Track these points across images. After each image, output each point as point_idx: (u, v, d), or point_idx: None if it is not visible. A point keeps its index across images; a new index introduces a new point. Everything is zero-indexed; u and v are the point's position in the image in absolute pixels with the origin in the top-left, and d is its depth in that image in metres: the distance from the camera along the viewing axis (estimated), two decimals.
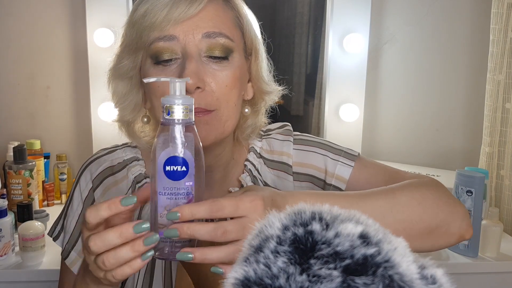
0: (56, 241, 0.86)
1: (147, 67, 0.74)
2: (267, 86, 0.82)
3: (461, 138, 1.87)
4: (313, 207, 0.38)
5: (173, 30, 0.70)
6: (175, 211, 0.55)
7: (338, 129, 1.75)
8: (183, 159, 0.57)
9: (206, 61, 0.71)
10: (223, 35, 0.72)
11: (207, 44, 0.71)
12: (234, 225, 0.56)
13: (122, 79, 0.78)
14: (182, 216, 0.55)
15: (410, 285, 0.32)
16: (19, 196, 1.46)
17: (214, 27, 0.71)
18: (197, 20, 0.71)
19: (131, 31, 0.74)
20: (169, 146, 0.57)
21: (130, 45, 0.75)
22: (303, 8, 1.89)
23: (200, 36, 0.71)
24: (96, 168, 0.84)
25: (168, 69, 0.72)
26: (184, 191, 0.58)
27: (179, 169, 0.57)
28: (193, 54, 0.71)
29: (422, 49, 1.81)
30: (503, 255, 1.37)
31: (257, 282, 0.33)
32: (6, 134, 1.70)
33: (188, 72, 0.68)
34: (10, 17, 1.67)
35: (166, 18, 0.70)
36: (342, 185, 0.83)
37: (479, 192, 1.31)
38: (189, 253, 0.56)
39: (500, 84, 1.62)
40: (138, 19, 0.72)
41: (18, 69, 1.70)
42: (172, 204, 0.58)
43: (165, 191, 0.58)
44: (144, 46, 0.73)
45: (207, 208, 0.56)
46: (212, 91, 0.71)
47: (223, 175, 0.84)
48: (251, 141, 0.88)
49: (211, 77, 0.71)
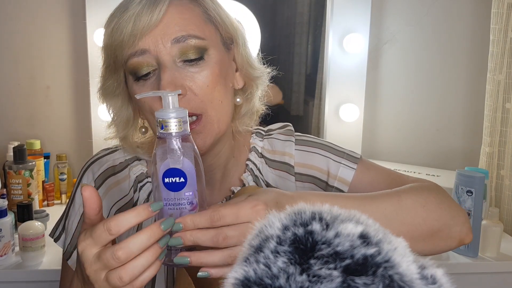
0: (57, 242, 0.86)
1: (130, 83, 0.74)
2: (255, 71, 0.81)
3: (461, 138, 1.87)
4: (313, 207, 0.38)
5: (142, 43, 0.70)
6: (178, 222, 0.58)
7: (338, 129, 1.74)
8: (181, 171, 0.59)
9: (182, 66, 0.71)
10: (192, 36, 0.71)
11: (179, 49, 0.70)
12: (235, 231, 0.57)
13: (112, 98, 0.78)
14: (184, 227, 0.58)
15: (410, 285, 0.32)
16: (19, 196, 1.46)
17: (181, 31, 0.70)
18: (163, 28, 0.70)
19: (107, 52, 0.74)
20: (167, 159, 0.59)
21: (110, 65, 0.75)
22: (303, 8, 1.89)
23: (169, 43, 0.70)
24: (98, 168, 0.84)
25: (148, 82, 0.72)
26: (185, 201, 0.60)
27: (177, 181, 0.59)
28: (167, 63, 0.70)
29: (422, 49, 1.81)
30: (503, 255, 1.37)
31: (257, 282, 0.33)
32: (6, 134, 1.70)
33: (164, 83, 0.68)
34: (10, 17, 1.67)
35: (133, 34, 0.69)
36: (345, 187, 0.83)
37: (479, 192, 1.31)
38: (186, 257, 0.58)
39: (500, 84, 1.62)
40: (108, 39, 0.73)
41: (18, 69, 1.70)
42: (176, 214, 0.59)
43: (167, 202, 0.60)
44: (121, 64, 0.73)
45: (208, 218, 0.57)
46: (194, 95, 0.71)
47: (224, 174, 0.84)
48: (252, 140, 0.88)
49: (190, 81, 0.71)
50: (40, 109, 1.72)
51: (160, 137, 0.60)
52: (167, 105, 0.60)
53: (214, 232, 0.57)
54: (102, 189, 0.83)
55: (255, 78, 0.81)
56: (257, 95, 0.84)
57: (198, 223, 0.57)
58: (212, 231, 0.57)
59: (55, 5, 1.67)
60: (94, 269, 0.56)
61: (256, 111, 0.86)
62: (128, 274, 0.54)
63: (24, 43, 1.68)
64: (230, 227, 0.57)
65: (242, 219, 0.58)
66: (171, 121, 0.59)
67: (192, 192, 0.60)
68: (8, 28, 1.67)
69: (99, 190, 0.83)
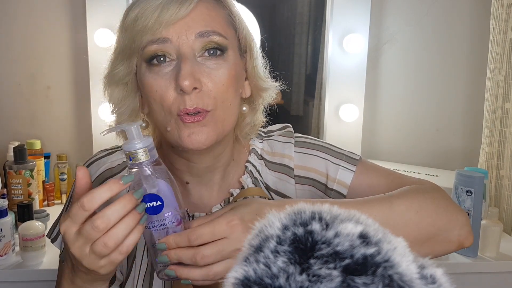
0: (54, 243, 0.86)
1: (143, 71, 0.73)
2: (263, 83, 0.81)
3: (461, 138, 1.87)
4: (313, 207, 0.38)
5: (165, 32, 0.70)
6: (163, 242, 0.63)
7: (338, 129, 1.75)
8: (155, 195, 0.63)
9: (202, 61, 0.71)
10: (216, 33, 0.72)
11: (201, 44, 0.71)
12: (211, 250, 0.62)
13: (118, 85, 0.77)
14: (168, 246, 0.63)
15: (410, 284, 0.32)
16: (19, 196, 1.46)
17: (206, 26, 0.71)
18: (189, 21, 0.71)
19: (124, 36, 0.74)
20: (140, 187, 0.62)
21: (124, 50, 0.74)
22: (303, 8, 1.89)
23: (193, 36, 0.70)
24: (96, 170, 0.84)
25: (163, 72, 0.71)
26: (167, 221, 0.64)
27: (155, 204, 0.63)
28: (188, 55, 0.70)
29: (422, 49, 1.81)
30: (502, 255, 1.37)
31: (257, 281, 0.33)
32: (7, 134, 1.70)
33: (184, 73, 0.68)
34: (11, 18, 1.67)
35: (158, 21, 0.69)
36: (344, 190, 0.83)
37: (478, 192, 1.31)
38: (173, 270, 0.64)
39: (499, 84, 1.62)
40: (130, 23, 0.72)
41: (19, 69, 1.70)
42: (162, 233, 0.64)
43: (150, 225, 0.64)
44: (137, 50, 0.73)
45: (186, 238, 0.62)
46: (209, 91, 0.71)
47: (223, 176, 0.84)
48: (252, 142, 0.88)
49: (207, 76, 0.71)
50: (40, 109, 1.72)
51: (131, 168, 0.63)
52: (132, 137, 0.63)
53: (193, 252, 0.62)
54: None
55: (263, 89, 0.82)
56: (261, 108, 0.85)
57: (179, 242, 0.62)
58: (191, 251, 0.62)
59: (56, 5, 1.67)
60: (77, 246, 0.60)
61: (258, 123, 0.86)
62: (112, 239, 0.58)
63: (24, 43, 1.68)
64: (207, 246, 0.62)
65: (218, 235, 0.62)
66: (139, 151, 0.62)
67: (171, 211, 0.64)
68: (8, 28, 1.67)
69: None
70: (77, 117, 1.74)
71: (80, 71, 1.68)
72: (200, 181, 0.82)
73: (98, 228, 0.57)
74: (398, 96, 1.84)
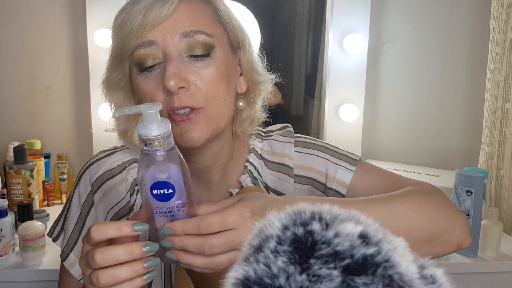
0: (55, 242, 0.86)
1: (135, 75, 0.75)
2: (259, 76, 0.82)
3: (461, 138, 1.87)
4: (313, 207, 0.38)
5: (150, 35, 0.71)
6: (168, 227, 0.61)
7: (338, 129, 1.74)
8: (167, 183, 0.60)
9: (188, 61, 0.72)
10: (200, 32, 0.72)
11: (186, 44, 0.71)
12: (220, 240, 0.59)
13: (115, 90, 0.79)
14: (174, 233, 0.60)
15: (410, 284, 0.32)
16: (19, 196, 1.46)
17: (190, 26, 0.72)
18: (172, 22, 0.71)
19: (114, 42, 0.76)
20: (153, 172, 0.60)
21: (116, 56, 0.76)
22: (303, 8, 1.89)
23: (177, 37, 0.71)
24: (96, 171, 0.84)
25: (152, 74, 0.72)
26: (175, 208, 0.61)
27: (165, 192, 0.60)
28: (173, 56, 0.71)
29: (422, 49, 1.81)
30: (502, 255, 1.37)
31: (257, 281, 0.33)
32: (7, 134, 1.70)
33: (168, 74, 0.69)
34: (10, 17, 1.67)
35: (142, 24, 0.70)
36: (343, 189, 0.83)
37: (478, 192, 1.31)
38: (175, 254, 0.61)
39: (499, 84, 1.62)
40: (117, 29, 0.74)
41: (19, 69, 1.70)
42: (168, 220, 0.62)
43: (157, 211, 0.61)
44: (127, 55, 0.74)
45: (195, 225, 0.60)
46: (197, 89, 0.72)
47: (222, 175, 0.84)
48: (251, 141, 0.88)
49: (194, 75, 0.71)
50: (40, 109, 1.72)
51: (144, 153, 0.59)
52: (149, 120, 0.58)
53: (201, 241, 0.59)
54: (99, 193, 0.83)
55: (258, 83, 0.82)
56: (259, 102, 0.85)
57: (186, 229, 0.60)
58: (199, 239, 0.60)
59: (56, 5, 1.67)
60: (83, 263, 0.60)
61: (257, 118, 0.86)
62: (104, 278, 0.57)
63: (24, 43, 1.68)
64: (216, 236, 0.60)
65: (228, 226, 0.60)
66: (156, 138, 0.58)
67: (182, 199, 0.61)
68: (8, 28, 1.67)
69: (95, 194, 0.83)
70: (77, 117, 1.74)
71: (80, 71, 1.68)
72: (199, 181, 0.82)
73: (95, 261, 0.57)
74: (398, 96, 1.84)
